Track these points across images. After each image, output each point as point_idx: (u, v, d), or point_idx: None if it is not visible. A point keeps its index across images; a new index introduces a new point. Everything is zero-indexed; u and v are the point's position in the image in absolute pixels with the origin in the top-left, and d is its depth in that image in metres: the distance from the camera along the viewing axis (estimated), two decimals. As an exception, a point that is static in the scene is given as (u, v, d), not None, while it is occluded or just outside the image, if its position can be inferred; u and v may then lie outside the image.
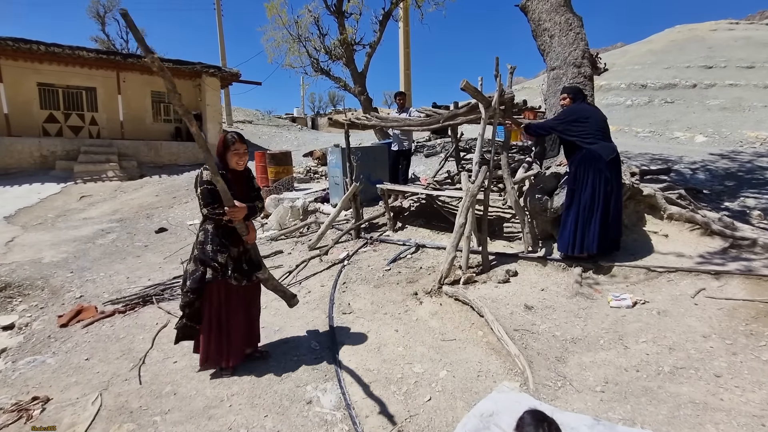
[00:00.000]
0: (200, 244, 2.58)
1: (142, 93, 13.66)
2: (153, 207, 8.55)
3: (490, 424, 1.95)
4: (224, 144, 2.57)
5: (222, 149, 2.57)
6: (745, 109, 14.67)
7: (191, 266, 2.60)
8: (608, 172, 3.68)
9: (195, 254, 2.59)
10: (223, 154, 2.57)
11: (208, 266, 2.55)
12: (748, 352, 2.38)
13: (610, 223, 3.70)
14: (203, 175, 2.48)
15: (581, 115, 3.79)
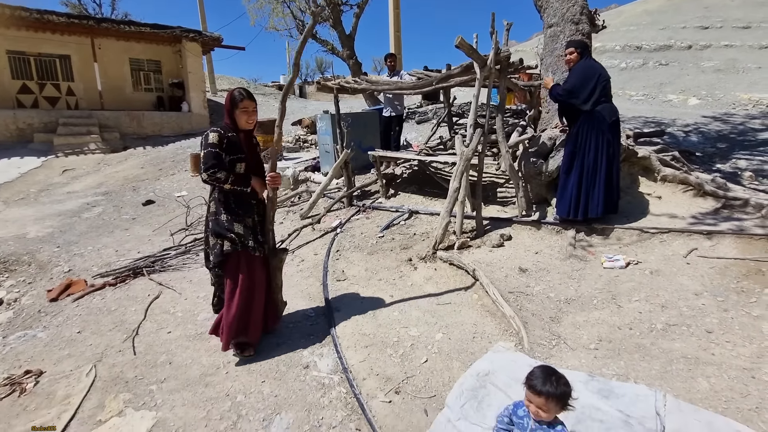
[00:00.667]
0: (213, 216, 2.40)
1: (119, 60, 12.99)
2: (139, 179, 8.33)
3: (486, 382, 1.97)
4: (232, 101, 2.36)
5: (230, 107, 2.37)
6: (739, 71, 14.49)
7: (211, 240, 2.42)
8: (610, 134, 3.60)
9: (210, 227, 2.41)
10: (231, 113, 2.38)
11: (225, 238, 2.37)
12: (739, 309, 2.42)
13: (613, 187, 3.67)
14: (209, 137, 2.30)
15: (592, 74, 3.62)
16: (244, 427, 1.97)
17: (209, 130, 2.34)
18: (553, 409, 1.36)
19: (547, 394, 1.35)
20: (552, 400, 1.35)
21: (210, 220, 2.42)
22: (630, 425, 1.66)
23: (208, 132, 2.34)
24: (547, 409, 1.36)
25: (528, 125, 5.82)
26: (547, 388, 1.35)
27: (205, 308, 3.20)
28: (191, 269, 4.02)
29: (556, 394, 1.34)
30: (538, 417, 1.39)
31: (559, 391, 1.35)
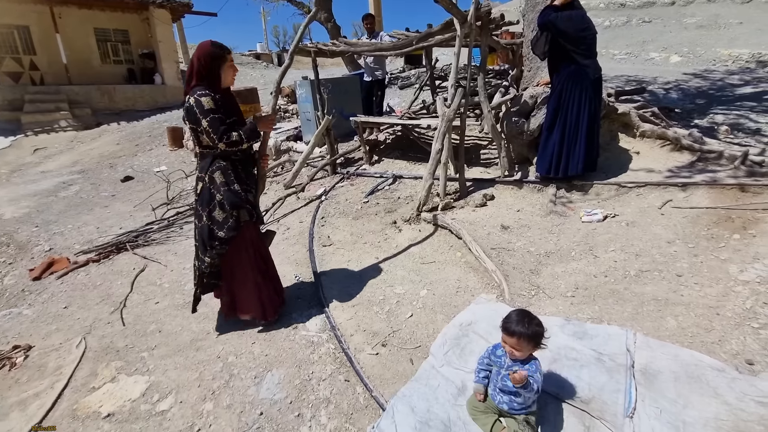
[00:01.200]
0: (225, 185, 2.18)
1: (83, 31, 12.21)
2: (115, 156, 8.07)
3: (469, 331, 2.05)
4: (215, 57, 2.08)
5: (211, 64, 2.09)
6: (721, 27, 14.41)
7: (218, 214, 2.20)
8: (592, 91, 3.59)
9: (220, 199, 2.18)
10: (215, 71, 2.11)
11: (242, 208, 2.23)
12: (708, 254, 2.53)
13: (597, 142, 3.70)
14: (203, 102, 2.04)
15: (584, 25, 3.51)
16: (237, 384, 2.03)
17: (196, 96, 2.06)
18: (526, 348, 1.44)
19: (519, 334, 1.42)
20: (524, 340, 1.42)
21: (221, 191, 2.18)
22: (602, 361, 1.76)
23: (196, 98, 2.05)
24: (520, 348, 1.43)
25: (511, 85, 5.76)
26: (520, 329, 1.42)
27: (191, 278, 3.19)
28: (175, 242, 4.00)
29: (528, 334, 1.41)
30: (513, 356, 1.47)
31: (531, 331, 1.42)
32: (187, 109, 2.09)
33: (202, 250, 2.28)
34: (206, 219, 2.22)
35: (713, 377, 1.56)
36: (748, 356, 1.76)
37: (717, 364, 1.62)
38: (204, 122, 2.06)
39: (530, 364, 1.46)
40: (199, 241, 2.29)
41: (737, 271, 2.29)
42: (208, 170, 2.19)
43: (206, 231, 2.23)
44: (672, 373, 1.62)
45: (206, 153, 2.21)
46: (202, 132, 2.11)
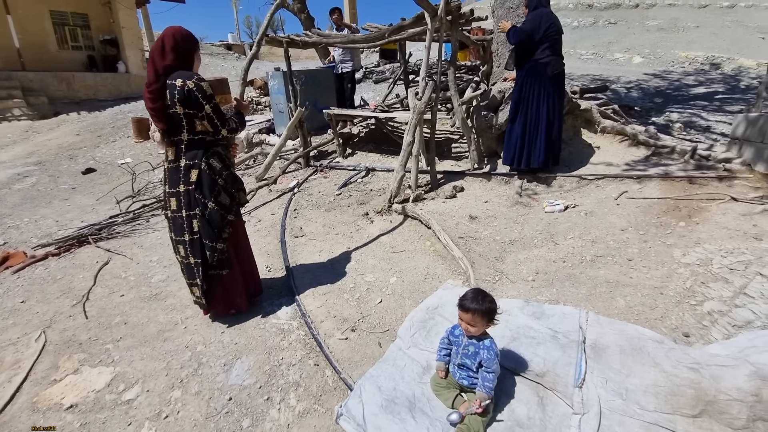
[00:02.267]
0: (225, 169, 2.20)
1: (37, 13, 11.50)
2: (75, 147, 7.70)
3: (435, 314, 2.13)
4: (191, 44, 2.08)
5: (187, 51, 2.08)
6: (680, 30, 15.20)
7: (224, 198, 2.19)
8: (551, 86, 3.74)
9: (223, 183, 2.17)
10: (189, 57, 2.09)
11: (241, 190, 2.30)
12: (656, 239, 2.72)
13: (554, 139, 3.85)
14: (205, 88, 2.00)
15: (548, 23, 3.66)
16: (206, 372, 2.04)
17: (195, 80, 1.98)
18: (479, 323, 1.52)
19: (474, 310, 1.50)
20: (478, 315, 1.51)
21: (222, 176, 2.17)
22: (557, 339, 1.88)
23: (196, 82, 1.98)
24: (475, 324, 1.52)
25: (481, 81, 5.89)
26: (474, 305, 1.51)
27: (159, 271, 3.15)
28: (141, 235, 3.89)
29: (481, 310, 1.50)
30: (468, 332, 1.55)
31: (484, 307, 1.51)
32: (186, 92, 1.98)
33: (212, 238, 2.19)
34: (214, 205, 2.16)
35: (653, 348, 1.70)
36: (685, 330, 1.93)
37: (657, 337, 1.77)
38: (208, 107, 2.03)
39: (485, 342, 1.55)
40: (206, 229, 2.18)
41: (680, 254, 2.48)
42: (203, 157, 2.13)
43: (217, 217, 2.18)
44: (618, 347, 1.76)
45: (197, 140, 2.12)
46: (201, 117, 2.05)
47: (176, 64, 2.05)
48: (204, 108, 2.03)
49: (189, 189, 2.14)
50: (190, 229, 2.19)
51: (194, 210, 2.17)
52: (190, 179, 2.13)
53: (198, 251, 2.21)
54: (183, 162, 2.13)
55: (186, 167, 2.13)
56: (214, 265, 2.25)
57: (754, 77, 9.49)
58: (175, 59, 2.04)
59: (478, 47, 6.15)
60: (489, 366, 1.52)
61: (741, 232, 2.66)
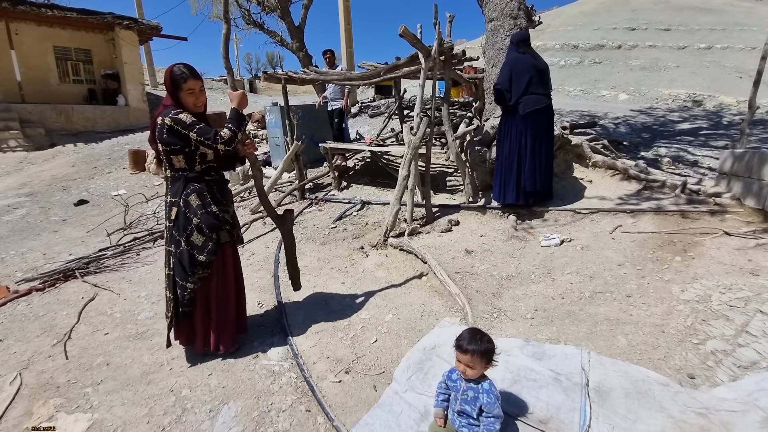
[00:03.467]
0: (201, 208, 2.12)
1: (41, 48, 11.80)
2: (69, 178, 7.68)
3: (432, 355, 2.06)
4: (173, 82, 2.05)
5: (172, 89, 2.07)
6: (661, 69, 15.93)
7: (196, 238, 2.13)
8: (524, 125, 3.78)
9: (197, 223, 2.12)
10: (175, 95, 2.08)
11: (220, 230, 2.18)
12: (654, 275, 2.70)
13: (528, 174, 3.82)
14: (183, 117, 2.01)
15: (515, 68, 3.81)
16: (190, 419, 1.92)
17: (171, 115, 2.01)
18: (478, 365, 1.46)
19: (472, 351, 1.45)
20: (477, 356, 1.45)
21: (198, 215, 2.12)
22: (559, 381, 1.81)
23: (173, 116, 2.00)
24: (473, 365, 1.46)
25: (474, 116, 6.05)
26: (471, 346, 1.46)
27: (147, 307, 3.05)
28: (131, 269, 3.80)
29: (480, 350, 1.45)
30: (466, 375, 1.49)
31: (483, 348, 1.45)
32: (166, 129, 2.01)
33: (182, 277, 2.18)
34: (185, 245, 2.14)
35: (659, 392, 1.64)
36: (690, 370, 1.87)
37: (662, 379, 1.71)
38: (192, 134, 2.02)
39: (484, 385, 1.48)
40: (178, 268, 2.18)
41: (679, 290, 2.45)
42: (182, 194, 2.12)
43: (186, 257, 2.14)
44: (623, 390, 1.69)
45: (178, 176, 2.14)
46: (178, 152, 2.07)
47: (170, 104, 2.09)
48: (189, 137, 2.03)
49: (170, 226, 2.18)
50: (169, 264, 2.23)
51: (171, 247, 2.20)
52: (171, 216, 2.17)
53: (171, 287, 2.24)
54: (168, 198, 2.19)
55: (169, 204, 2.18)
56: (185, 302, 2.22)
57: (736, 114, 9.87)
58: (170, 100, 2.10)
59: (471, 85, 6.37)
60: (490, 411, 1.45)
61: (737, 267, 2.65)
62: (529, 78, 3.77)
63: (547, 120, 3.88)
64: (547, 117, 3.88)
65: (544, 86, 3.86)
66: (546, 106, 3.83)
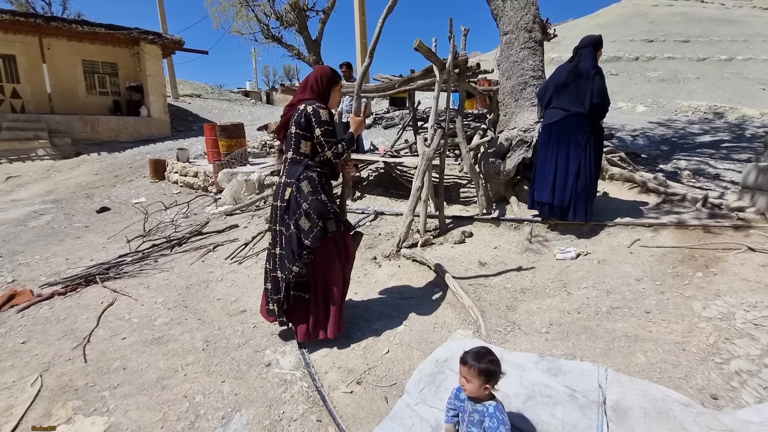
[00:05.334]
0: (312, 194, 2.25)
1: (71, 62, 12.35)
2: (93, 186, 7.93)
3: (444, 368, 2.03)
4: (331, 79, 2.37)
5: (326, 85, 2.36)
6: (680, 81, 15.69)
7: (304, 223, 2.25)
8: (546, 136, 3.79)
9: (306, 208, 2.24)
10: (327, 92, 2.37)
11: (327, 219, 2.29)
12: (674, 291, 2.63)
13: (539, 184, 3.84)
14: (321, 113, 2.25)
15: (550, 80, 3.88)
16: (203, 426, 1.93)
17: (315, 106, 2.26)
18: (475, 380, 1.44)
19: (470, 366, 1.44)
20: (474, 371, 1.43)
21: (307, 201, 2.24)
22: (575, 398, 1.76)
23: (315, 108, 2.24)
24: (470, 379, 1.44)
25: (488, 128, 6.05)
26: (472, 361, 1.44)
27: (163, 313, 3.10)
28: (149, 275, 3.88)
29: (478, 367, 1.42)
30: (465, 389, 1.47)
31: (482, 366, 1.42)
32: (303, 115, 2.25)
33: (290, 259, 2.30)
34: (293, 227, 2.28)
35: (680, 412, 1.58)
36: (713, 391, 1.80)
37: (683, 399, 1.65)
38: (318, 131, 2.24)
39: (488, 406, 1.45)
40: (287, 249, 2.30)
41: (701, 307, 2.38)
42: (297, 177, 2.28)
43: (294, 239, 2.27)
44: (642, 409, 1.64)
45: (299, 160, 2.31)
46: (308, 139, 2.28)
47: (312, 97, 2.33)
48: (315, 131, 2.25)
49: (282, 206, 2.32)
50: (280, 244, 2.35)
51: (282, 227, 2.33)
52: (284, 197, 2.31)
53: (280, 267, 2.35)
54: (283, 179, 2.35)
55: (284, 184, 2.32)
56: (292, 285, 2.33)
57: (759, 126, 9.61)
58: (311, 94, 2.34)
59: (485, 97, 6.39)
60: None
61: (762, 285, 2.56)
62: (553, 91, 3.77)
63: (568, 133, 3.66)
64: (568, 130, 3.66)
65: (570, 98, 3.65)
66: (563, 119, 3.66)
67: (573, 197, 3.65)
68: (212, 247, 4.40)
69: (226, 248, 4.33)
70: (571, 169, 3.63)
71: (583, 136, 3.62)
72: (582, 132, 3.62)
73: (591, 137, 3.64)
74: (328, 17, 10.21)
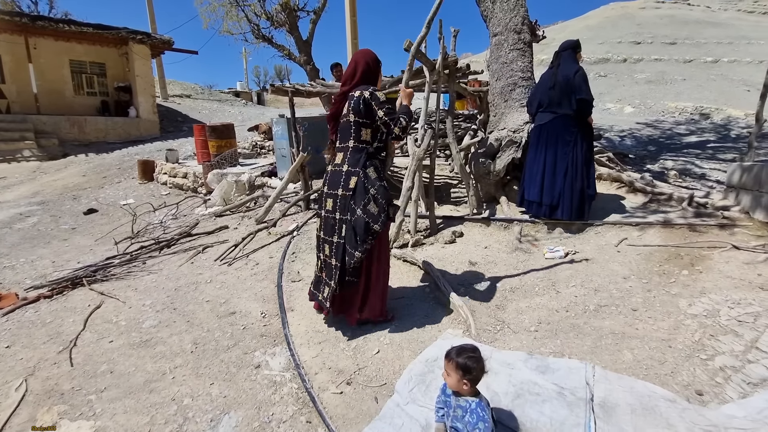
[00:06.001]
0: (378, 180, 2.35)
1: (58, 62, 12.16)
2: (80, 188, 7.82)
3: (434, 367, 2.04)
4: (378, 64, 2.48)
5: (375, 69, 2.46)
6: (667, 82, 15.94)
7: (372, 208, 2.32)
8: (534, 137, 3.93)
9: (374, 194, 2.33)
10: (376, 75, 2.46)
11: (390, 203, 2.40)
12: (660, 288, 2.67)
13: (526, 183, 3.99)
14: (379, 96, 2.33)
15: (536, 87, 4.01)
16: (191, 428, 1.91)
17: (371, 90, 2.33)
18: (453, 374, 1.46)
19: (450, 359, 1.48)
20: (452, 364, 1.46)
21: (375, 186, 2.34)
22: (563, 396, 1.78)
23: (372, 92, 2.31)
24: (448, 372, 1.48)
25: (479, 129, 6.08)
26: (453, 355, 1.48)
27: (151, 315, 3.07)
28: (137, 277, 3.83)
29: (456, 361, 1.45)
30: (445, 378, 1.50)
31: (460, 360, 1.45)
32: (362, 101, 2.30)
33: (353, 245, 2.34)
34: (361, 212, 2.31)
35: (666, 408, 1.61)
36: (698, 387, 1.83)
37: (669, 395, 1.68)
38: (380, 112, 2.30)
39: (471, 402, 1.45)
40: (350, 235, 2.34)
41: (686, 305, 2.42)
42: (363, 165, 2.34)
43: (362, 224, 2.31)
44: (628, 406, 1.66)
45: (361, 148, 2.36)
46: (368, 126, 2.34)
47: (362, 83, 2.39)
48: (377, 113, 2.31)
49: (346, 194, 2.34)
50: (339, 232, 2.39)
51: (345, 215, 2.35)
52: (348, 185, 2.34)
53: (340, 255, 2.37)
54: (345, 167, 2.36)
55: (347, 173, 2.35)
56: (350, 271, 2.37)
57: (744, 126, 9.81)
58: (362, 80, 2.40)
59: (475, 98, 6.42)
60: (470, 431, 1.41)
61: (746, 282, 2.61)
62: (539, 97, 3.91)
63: (556, 134, 3.75)
64: (556, 131, 3.75)
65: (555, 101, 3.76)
66: (551, 121, 3.78)
67: (561, 196, 3.76)
68: (202, 248, 4.36)
69: (216, 250, 4.29)
70: (559, 169, 3.75)
71: (570, 136, 3.74)
72: (569, 132, 3.75)
73: (579, 137, 3.76)
74: (319, 17, 10.19)
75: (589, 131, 3.86)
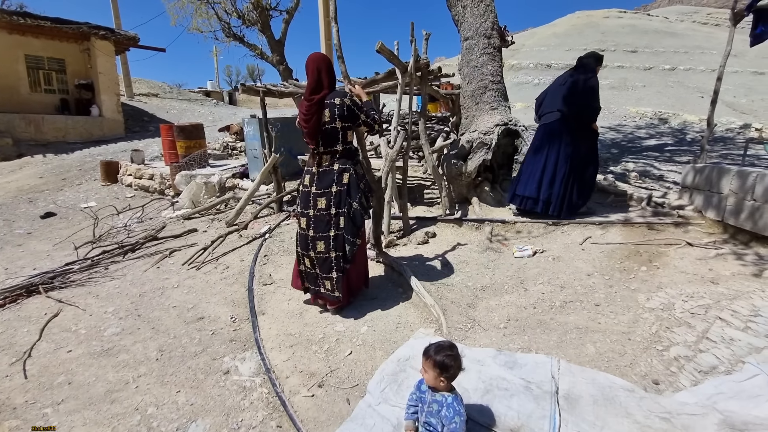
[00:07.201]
0: (365, 176, 2.72)
1: (11, 56, 11.43)
2: (37, 190, 7.40)
3: (406, 366, 2.05)
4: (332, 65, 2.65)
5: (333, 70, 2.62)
6: (629, 88, 16.72)
7: (363, 200, 2.62)
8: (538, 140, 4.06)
9: (363, 187, 2.64)
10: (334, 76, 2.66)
11: (372, 197, 2.80)
12: (621, 284, 2.80)
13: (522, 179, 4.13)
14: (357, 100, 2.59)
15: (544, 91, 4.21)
16: (155, 439, 1.84)
17: (350, 96, 2.54)
18: (430, 372, 1.49)
19: (428, 356, 1.50)
20: (430, 362, 1.48)
21: (363, 180, 2.67)
22: (530, 390, 1.83)
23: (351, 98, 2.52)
24: (426, 370, 1.50)
25: (451, 131, 6.18)
26: (430, 352, 1.50)
27: (114, 323, 2.94)
28: (98, 284, 3.66)
29: (434, 359, 1.47)
30: (422, 375, 1.52)
31: (438, 358, 1.47)
32: (346, 108, 2.48)
33: (353, 234, 2.58)
34: (357, 205, 2.56)
35: (625, 398, 1.68)
36: (654, 376, 1.93)
37: (628, 386, 1.75)
38: (363, 115, 2.53)
39: (447, 398, 1.48)
40: (350, 226, 2.56)
41: (645, 299, 2.54)
42: (352, 163, 2.58)
43: (359, 215, 2.58)
44: (591, 397, 1.73)
45: (347, 149, 2.57)
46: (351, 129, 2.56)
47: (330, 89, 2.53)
48: (360, 116, 2.53)
49: (341, 190, 2.54)
50: (336, 226, 2.56)
51: (343, 209, 2.55)
52: (342, 181, 2.54)
53: (340, 246, 2.57)
54: (336, 166, 2.55)
55: (339, 171, 2.54)
56: (348, 258, 2.60)
57: (698, 131, 10.41)
58: (329, 88, 2.53)
59: (448, 100, 6.53)
60: (447, 425, 1.44)
61: (699, 276, 2.77)
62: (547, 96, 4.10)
63: (559, 134, 3.89)
64: (559, 131, 3.89)
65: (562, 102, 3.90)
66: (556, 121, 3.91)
67: (557, 193, 3.92)
68: (168, 252, 4.21)
69: (184, 253, 4.16)
70: (560, 168, 3.89)
71: (572, 137, 3.88)
72: (573, 134, 3.89)
73: (582, 140, 3.92)
74: (292, 17, 10.07)
75: (592, 136, 4.06)
